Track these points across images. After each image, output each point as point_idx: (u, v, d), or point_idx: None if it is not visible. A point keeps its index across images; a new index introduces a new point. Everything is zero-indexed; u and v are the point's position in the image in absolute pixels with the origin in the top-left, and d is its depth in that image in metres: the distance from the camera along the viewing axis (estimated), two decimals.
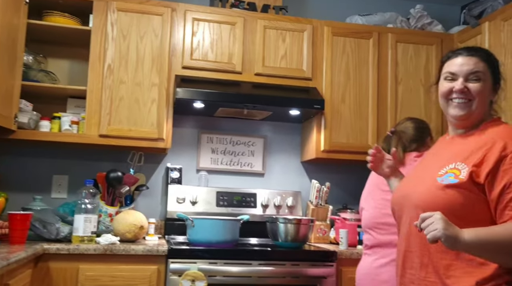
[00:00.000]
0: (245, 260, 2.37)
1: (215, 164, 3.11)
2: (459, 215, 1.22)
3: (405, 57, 3.06)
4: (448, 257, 1.31)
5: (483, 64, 1.41)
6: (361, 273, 2.14)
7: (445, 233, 1.15)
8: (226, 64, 2.84)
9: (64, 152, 2.90)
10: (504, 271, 1.26)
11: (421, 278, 1.38)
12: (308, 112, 2.93)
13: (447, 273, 1.31)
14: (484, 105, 1.42)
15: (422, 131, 2.19)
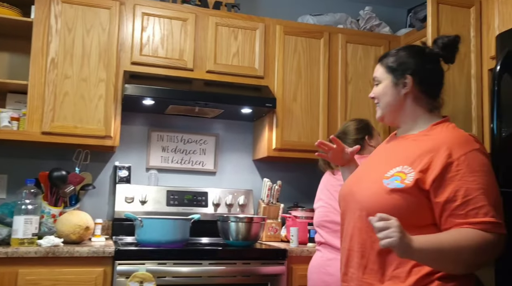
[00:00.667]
0: (195, 260, 2.33)
1: (165, 163, 3.05)
2: (403, 219, 1.20)
3: (355, 57, 3.12)
4: (389, 258, 1.32)
5: (381, 69, 1.48)
6: (311, 265, 2.22)
7: (400, 243, 1.14)
8: (177, 61, 2.79)
9: (3, 150, 2.75)
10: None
11: (359, 279, 1.38)
12: (260, 111, 2.93)
13: (386, 275, 1.32)
14: (392, 102, 1.45)
15: (362, 131, 2.25)
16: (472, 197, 1.22)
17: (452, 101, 2.49)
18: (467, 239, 1.20)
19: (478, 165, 1.26)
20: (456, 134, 1.34)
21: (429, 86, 1.42)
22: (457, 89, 2.52)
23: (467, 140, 1.31)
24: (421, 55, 1.44)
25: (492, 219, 1.21)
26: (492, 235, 1.20)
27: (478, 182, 1.24)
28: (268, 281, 2.42)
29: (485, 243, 1.20)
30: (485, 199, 1.22)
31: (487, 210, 1.21)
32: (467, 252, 1.20)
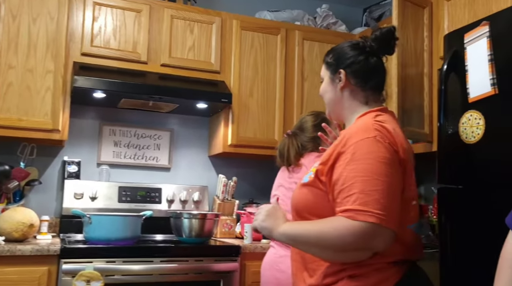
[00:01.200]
0: (146, 258, 2.27)
1: (118, 158, 2.96)
2: (312, 212, 1.21)
3: (311, 54, 3.14)
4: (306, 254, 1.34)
5: (323, 67, 1.47)
6: (265, 262, 2.20)
7: (260, 224, 1.32)
8: (130, 53, 2.71)
9: None
10: (351, 266, 1.26)
11: (293, 273, 1.41)
12: (216, 106, 2.89)
13: (308, 266, 1.34)
14: (332, 98, 1.44)
15: (319, 126, 2.22)
16: (348, 185, 1.19)
17: (410, 98, 2.54)
18: (331, 226, 1.19)
19: (363, 153, 1.22)
20: (361, 124, 1.31)
21: (362, 79, 1.40)
22: (413, 87, 2.57)
23: (366, 129, 1.27)
24: (355, 49, 1.42)
25: (358, 207, 1.15)
26: (358, 222, 1.14)
27: (356, 170, 1.20)
28: (220, 278, 2.39)
29: (348, 230, 1.16)
30: (358, 186, 1.18)
31: (356, 198, 1.17)
32: (330, 238, 1.19)
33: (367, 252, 1.20)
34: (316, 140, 2.17)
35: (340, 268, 1.26)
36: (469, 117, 1.72)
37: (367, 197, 1.16)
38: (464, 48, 1.74)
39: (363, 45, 1.42)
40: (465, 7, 2.31)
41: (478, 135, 1.68)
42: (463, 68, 1.75)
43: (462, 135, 1.75)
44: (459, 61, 1.78)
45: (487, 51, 1.64)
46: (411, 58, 2.54)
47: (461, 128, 1.76)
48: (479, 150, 1.68)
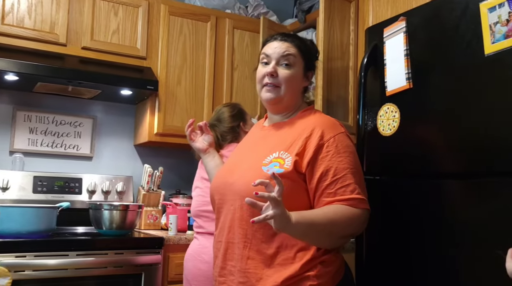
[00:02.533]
0: (61, 252, 2.15)
1: (33, 146, 2.77)
2: (284, 203, 1.19)
3: (242, 44, 3.10)
4: (273, 245, 1.32)
5: (294, 49, 1.43)
6: (188, 253, 2.16)
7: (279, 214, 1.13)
8: (47, 34, 2.54)
9: None
10: (320, 253, 1.32)
11: (242, 270, 1.35)
12: (141, 93, 2.79)
13: (271, 263, 1.31)
14: (295, 91, 1.45)
15: (237, 117, 2.23)
16: (340, 176, 1.30)
17: (335, 90, 2.58)
18: (338, 213, 1.28)
19: (344, 147, 1.35)
20: (326, 119, 1.44)
21: (309, 80, 1.52)
22: (338, 80, 2.61)
23: (335, 124, 1.42)
24: (315, 50, 1.55)
25: (358, 196, 1.30)
26: (359, 210, 1.30)
27: (345, 162, 1.32)
28: (142, 271, 2.32)
29: (353, 217, 1.29)
30: (352, 177, 1.31)
31: (353, 188, 1.30)
32: (338, 225, 1.28)
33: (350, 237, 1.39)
34: (235, 130, 2.19)
35: (314, 257, 1.32)
36: (386, 110, 1.76)
37: (361, 187, 1.32)
38: (383, 42, 1.78)
39: (314, 48, 1.56)
40: (388, 2, 2.37)
41: (394, 128, 1.73)
42: (383, 62, 1.79)
43: (380, 127, 1.79)
44: (378, 55, 1.82)
45: (403, 46, 1.68)
46: (337, 52, 2.58)
47: (378, 120, 1.80)
48: (394, 141, 1.73)
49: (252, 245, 1.34)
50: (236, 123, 2.20)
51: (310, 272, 1.30)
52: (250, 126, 2.24)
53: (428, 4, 1.67)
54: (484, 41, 1.43)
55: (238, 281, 1.35)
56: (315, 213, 1.28)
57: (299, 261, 1.30)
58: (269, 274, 1.31)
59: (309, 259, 1.31)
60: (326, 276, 1.32)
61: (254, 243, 1.34)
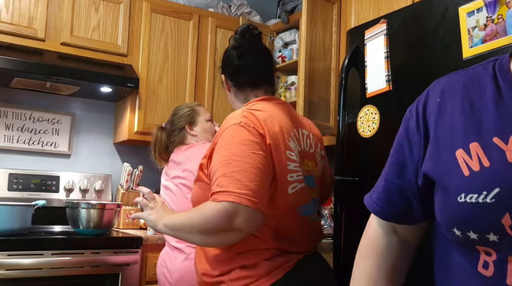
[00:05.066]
0: (36, 251, 2.10)
1: (9, 142, 2.71)
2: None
3: (224, 43, 3.08)
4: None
5: (221, 76, 1.55)
6: (158, 259, 2.10)
7: (146, 217, 1.40)
8: (25, 29, 2.48)
9: None
10: (241, 256, 1.30)
11: (194, 265, 1.44)
12: (122, 91, 2.75)
13: (207, 256, 1.36)
14: (230, 101, 1.56)
15: (185, 118, 2.14)
16: (214, 171, 1.24)
17: (317, 91, 2.58)
18: (198, 210, 1.24)
19: (228, 139, 1.28)
20: (233, 114, 1.36)
21: (236, 80, 1.48)
22: (320, 81, 2.62)
23: (235, 117, 1.33)
24: (226, 53, 1.51)
25: (219, 189, 1.19)
26: (220, 203, 1.17)
27: (220, 156, 1.25)
28: (119, 271, 2.28)
29: (211, 211, 1.19)
30: (221, 170, 1.22)
31: (218, 182, 1.21)
32: (197, 221, 1.23)
33: (234, 234, 1.21)
34: (182, 131, 2.13)
35: (231, 258, 1.29)
36: (366, 111, 1.77)
37: (227, 178, 1.19)
38: (364, 44, 1.79)
39: (230, 49, 1.50)
40: (370, 5, 2.39)
41: (374, 129, 1.73)
42: (363, 63, 1.79)
43: (360, 129, 1.80)
44: (360, 56, 1.82)
45: (384, 49, 1.69)
46: (319, 53, 2.59)
47: (358, 122, 1.81)
48: (373, 143, 1.74)
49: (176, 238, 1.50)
50: (183, 125, 2.13)
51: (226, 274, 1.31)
52: (202, 130, 2.16)
53: (409, 7, 1.69)
54: (462, 45, 1.44)
55: None
56: (181, 214, 1.34)
57: (217, 260, 1.34)
58: (203, 269, 1.39)
59: (226, 261, 1.32)
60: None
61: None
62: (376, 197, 0.92)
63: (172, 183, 2.03)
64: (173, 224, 1.32)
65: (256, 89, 1.48)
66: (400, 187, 0.86)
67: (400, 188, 0.86)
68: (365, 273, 0.92)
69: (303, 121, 1.53)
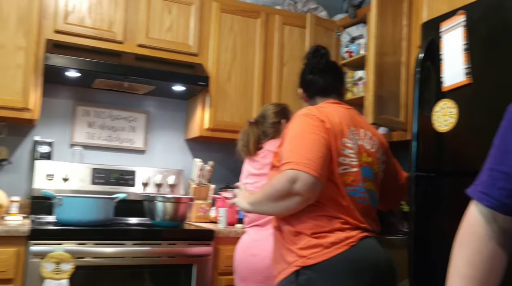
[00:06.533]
0: (118, 240, 2.25)
1: (91, 139, 2.91)
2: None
3: (291, 40, 3.11)
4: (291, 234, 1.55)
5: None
6: (238, 246, 2.21)
7: (238, 201, 1.68)
8: (105, 32, 2.64)
9: None
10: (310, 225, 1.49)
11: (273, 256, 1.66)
12: (193, 89, 2.86)
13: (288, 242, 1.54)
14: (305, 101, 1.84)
15: (280, 114, 2.30)
16: (282, 151, 1.52)
17: (386, 86, 2.55)
18: (269, 182, 1.51)
19: (293, 126, 1.56)
20: (299, 111, 1.63)
21: (308, 91, 1.79)
22: (390, 75, 2.58)
23: (300, 111, 1.61)
24: (302, 69, 1.84)
25: (283, 161, 1.46)
26: (283, 172, 1.43)
27: (288, 139, 1.53)
28: (193, 262, 2.38)
29: (277, 180, 1.44)
30: (286, 148, 1.49)
31: (284, 157, 1.48)
32: (267, 191, 1.48)
33: (296, 198, 1.43)
34: (276, 126, 2.28)
35: (301, 228, 1.51)
36: (443, 106, 1.73)
37: (290, 153, 1.47)
38: (440, 37, 1.75)
39: (303, 68, 1.83)
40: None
41: (451, 124, 1.69)
42: (439, 57, 1.75)
43: (435, 123, 1.76)
44: (435, 50, 1.78)
45: (462, 41, 1.64)
46: (389, 47, 2.54)
47: (434, 116, 1.77)
48: (451, 138, 1.70)
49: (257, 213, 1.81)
50: (278, 120, 2.28)
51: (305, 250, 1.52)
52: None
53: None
54: None
55: None
56: (260, 191, 1.57)
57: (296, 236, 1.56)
58: (284, 254, 1.59)
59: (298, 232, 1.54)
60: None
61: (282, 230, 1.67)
62: (480, 184, 0.93)
63: (267, 168, 2.12)
64: (253, 201, 1.57)
65: (324, 98, 1.74)
66: (505, 173, 0.88)
67: (504, 174, 0.88)
68: (463, 259, 0.92)
69: (367, 125, 1.73)
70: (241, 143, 2.30)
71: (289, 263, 1.50)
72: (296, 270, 1.47)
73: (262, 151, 2.22)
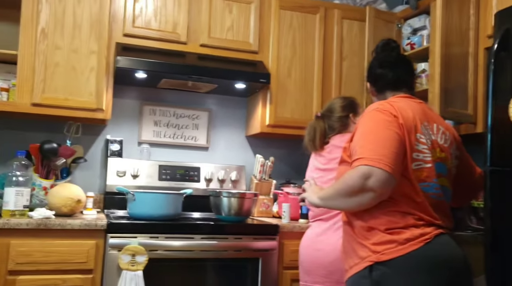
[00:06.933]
0: (187, 234, 2.34)
1: (157, 137, 3.03)
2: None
3: (350, 34, 3.09)
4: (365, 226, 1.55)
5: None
6: (303, 240, 2.24)
7: (308, 196, 1.70)
8: (170, 34, 2.74)
9: None
10: (384, 221, 1.49)
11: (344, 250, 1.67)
12: (254, 86, 2.90)
13: (360, 237, 1.55)
14: (374, 101, 1.77)
15: (347, 108, 2.26)
16: (354, 146, 1.51)
17: (453, 78, 2.49)
18: (341, 178, 1.49)
19: (365, 121, 1.55)
20: (370, 106, 1.62)
21: (377, 85, 1.77)
22: (457, 67, 2.51)
23: (372, 106, 1.60)
24: (370, 63, 1.82)
25: (356, 157, 1.45)
26: (355, 168, 1.43)
27: (360, 133, 1.52)
28: (259, 256, 2.44)
29: (350, 176, 1.44)
30: (359, 144, 1.48)
31: (357, 152, 1.47)
32: (339, 186, 1.49)
33: (369, 194, 1.42)
34: (343, 120, 2.25)
35: (375, 223, 1.51)
36: None
37: (363, 148, 1.46)
38: None
39: (372, 60, 1.81)
40: None
41: None
42: None
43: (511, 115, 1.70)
44: (510, 40, 1.72)
45: None
46: (455, 37, 2.48)
47: (510, 108, 1.71)
48: None
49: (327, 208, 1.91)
50: (345, 114, 2.24)
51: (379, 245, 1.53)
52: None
53: None
54: None
55: None
56: (331, 186, 1.58)
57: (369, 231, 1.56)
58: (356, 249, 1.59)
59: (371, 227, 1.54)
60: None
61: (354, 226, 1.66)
62: None
63: (333, 163, 2.13)
64: (323, 196, 1.59)
65: (395, 92, 1.71)
66: None
67: None
68: None
69: (440, 119, 1.69)
70: (307, 138, 2.29)
71: (362, 258, 1.51)
72: (369, 265, 1.48)
73: (328, 145, 2.20)
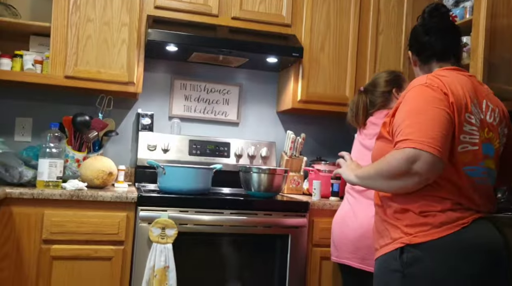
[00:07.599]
0: (217, 209, 2.33)
1: (188, 112, 3.01)
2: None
3: (388, 5, 2.96)
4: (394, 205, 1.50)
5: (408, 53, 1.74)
6: (336, 216, 2.25)
7: (343, 172, 1.66)
8: (201, 6, 2.69)
9: (27, 93, 2.74)
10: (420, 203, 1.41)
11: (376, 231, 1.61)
12: (286, 61, 2.83)
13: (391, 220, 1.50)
14: (417, 72, 1.69)
15: (392, 83, 2.18)
16: (398, 124, 1.39)
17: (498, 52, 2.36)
18: (383, 159, 1.40)
19: (413, 97, 1.42)
20: (416, 79, 1.50)
21: (422, 54, 1.63)
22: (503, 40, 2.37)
23: (420, 80, 1.46)
24: (413, 30, 1.67)
25: (402, 138, 1.35)
26: (401, 149, 1.33)
27: (406, 110, 1.40)
28: (289, 232, 2.41)
29: (394, 157, 1.34)
30: (405, 122, 1.37)
31: (402, 132, 1.36)
32: (382, 167, 1.39)
33: (414, 178, 1.33)
34: (386, 95, 2.17)
35: (409, 206, 1.44)
36: None
37: (410, 128, 1.34)
38: None
39: (417, 26, 1.66)
40: None
41: None
42: None
43: None
44: None
45: None
46: (502, 8, 2.33)
47: None
48: None
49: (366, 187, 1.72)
50: (389, 89, 2.16)
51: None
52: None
53: None
54: None
55: None
56: (371, 165, 1.48)
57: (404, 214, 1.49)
58: (390, 231, 1.53)
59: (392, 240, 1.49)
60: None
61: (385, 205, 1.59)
62: None
63: (371, 141, 2.08)
64: (362, 174, 1.52)
65: (441, 62, 1.59)
66: None
67: None
68: None
69: (489, 95, 1.56)
70: (349, 113, 2.23)
71: (394, 239, 1.45)
72: (400, 247, 1.42)
73: (368, 121, 2.15)
